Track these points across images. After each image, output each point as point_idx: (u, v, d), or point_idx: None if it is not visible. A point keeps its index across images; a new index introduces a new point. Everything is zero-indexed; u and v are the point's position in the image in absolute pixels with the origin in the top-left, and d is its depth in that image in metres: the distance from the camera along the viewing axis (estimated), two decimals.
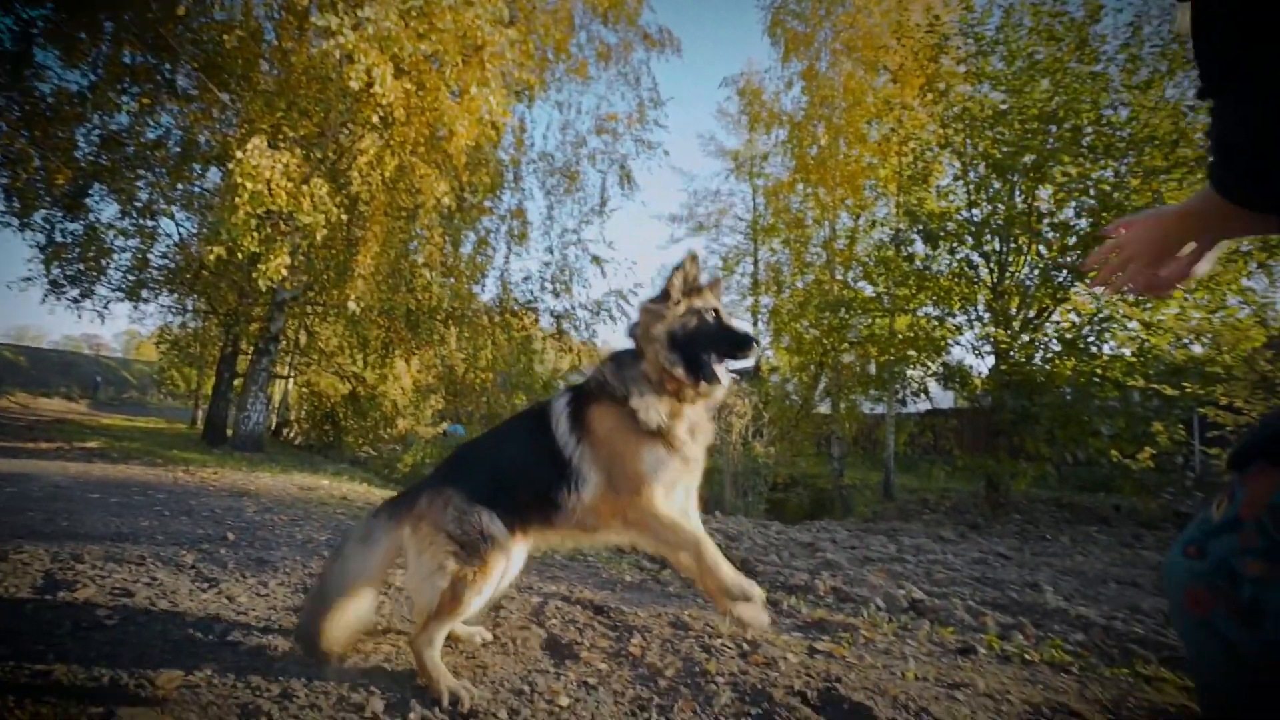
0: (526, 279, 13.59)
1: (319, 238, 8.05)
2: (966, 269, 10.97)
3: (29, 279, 12.47)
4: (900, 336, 11.81)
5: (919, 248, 11.43)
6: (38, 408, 24.16)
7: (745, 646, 2.47)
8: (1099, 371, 9.02)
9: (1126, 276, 1.25)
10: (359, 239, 8.89)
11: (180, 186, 12.10)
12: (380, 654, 2.12)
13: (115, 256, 12.41)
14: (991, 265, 10.78)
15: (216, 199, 11.32)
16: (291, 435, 16.93)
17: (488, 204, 12.68)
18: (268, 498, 5.69)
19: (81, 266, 12.28)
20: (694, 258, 2.19)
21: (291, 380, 17.29)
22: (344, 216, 8.56)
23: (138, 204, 11.99)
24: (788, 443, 12.12)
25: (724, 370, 2.02)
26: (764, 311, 16.53)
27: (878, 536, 6.05)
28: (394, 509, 2.09)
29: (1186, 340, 8.86)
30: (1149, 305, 8.65)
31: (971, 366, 11.76)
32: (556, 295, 13.18)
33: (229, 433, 12.42)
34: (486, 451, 2.20)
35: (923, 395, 12.29)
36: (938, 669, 2.43)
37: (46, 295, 12.50)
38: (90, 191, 11.71)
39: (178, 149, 11.67)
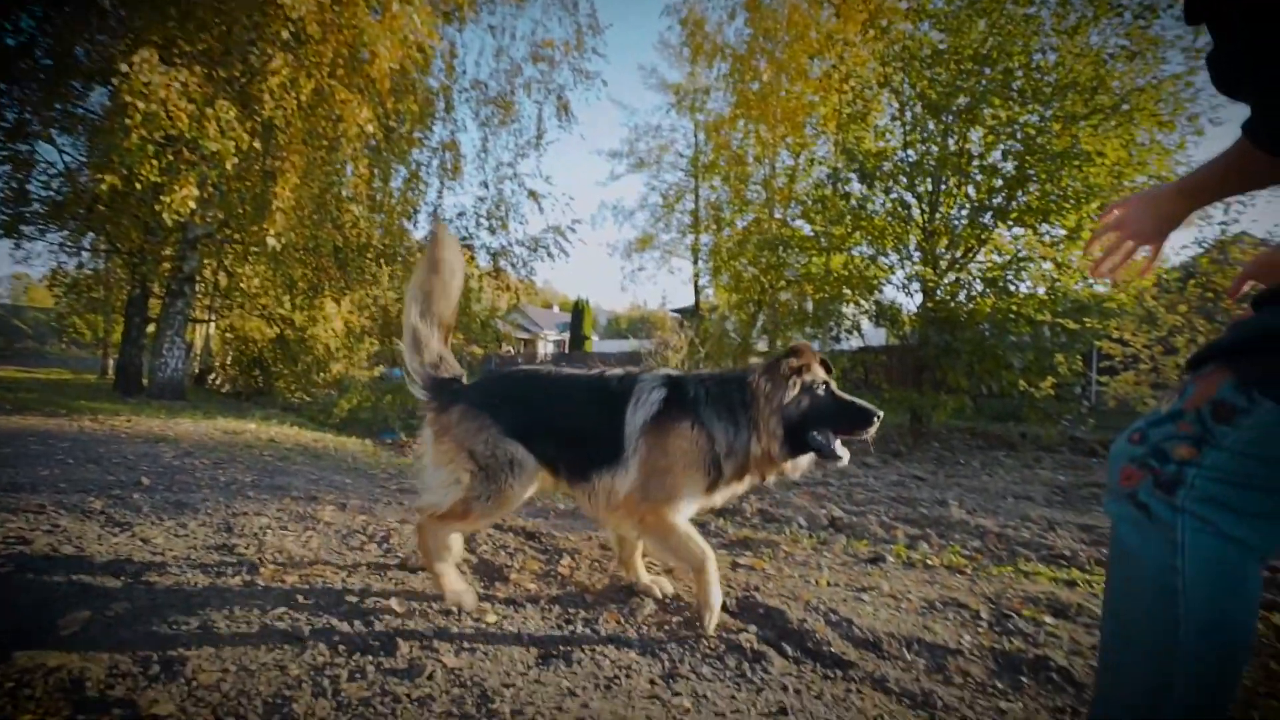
0: (461, 215, 13.08)
1: (229, 167, 7.41)
2: (900, 209, 11.24)
3: None
4: (835, 275, 12.10)
5: (855, 187, 11.59)
6: None
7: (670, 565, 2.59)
8: (1014, 309, 9.57)
9: (1124, 255, 1.32)
10: (276, 170, 8.24)
11: (59, 106, 10.79)
12: (308, 582, 2.11)
13: None
14: (923, 206, 11.08)
15: (105, 121, 10.21)
16: (218, 382, 16.11)
17: (418, 135, 11.93)
18: (188, 443, 5.45)
19: None
20: (805, 343, 2.17)
21: (213, 324, 16.31)
22: (257, 145, 7.89)
23: (5, 124, 10.65)
24: None
25: (842, 448, 2.01)
26: (704, 249, 16.57)
27: None
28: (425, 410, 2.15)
29: (1092, 280, 9.47)
30: (1060, 245, 9.15)
31: (901, 305, 12.26)
32: (493, 232, 12.76)
33: (144, 381, 11.68)
34: (543, 398, 2.14)
35: (856, 333, 12.75)
36: (849, 576, 2.63)
37: None
38: None
39: (48, 61, 10.33)
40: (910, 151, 11.20)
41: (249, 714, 1.37)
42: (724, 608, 2.16)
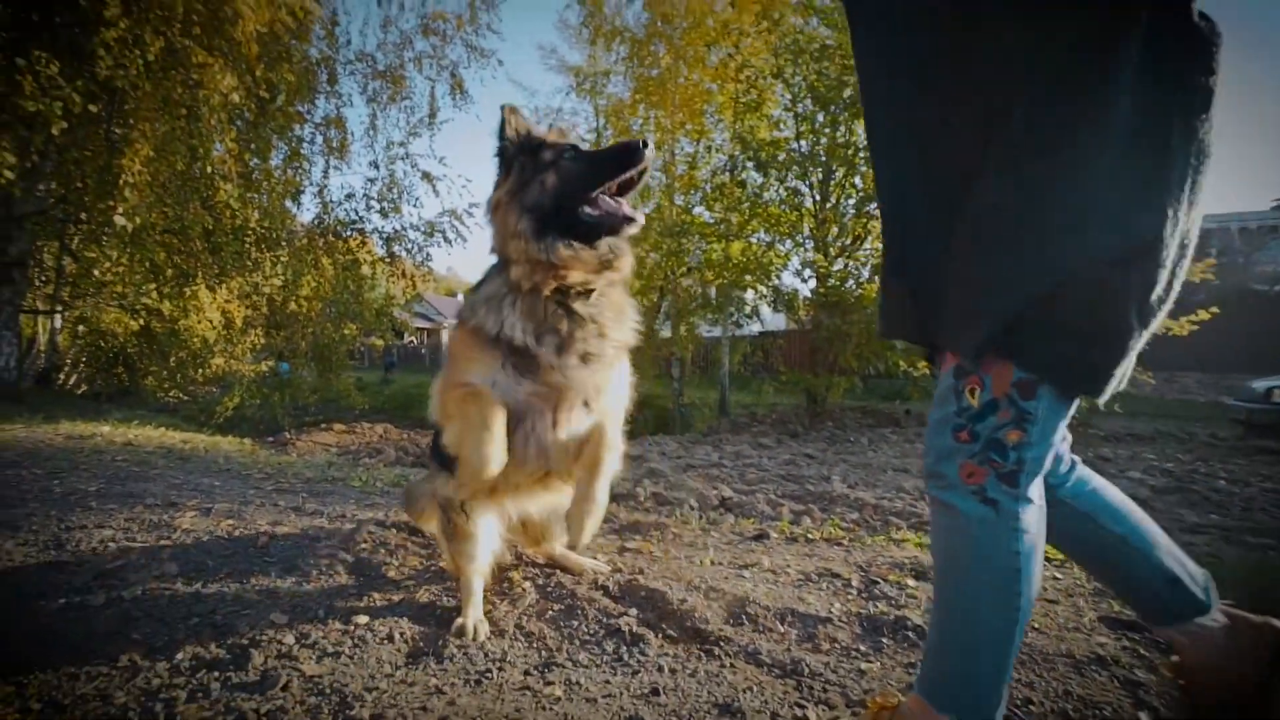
0: (350, 196, 12.21)
1: (56, 132, 6.45)
2: (794, 198, 11.73)
3: None
4: (735, 262, 12.48)
5: (752, 175, 11.96)
6: None
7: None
8: None
9: None
10: (123, 139, 7.32)
11: None
12: (153, 596, 1.91)
13: None
14: (815, 195, 11.62)
15: None
16: (70, 382, 14.26)
17: (297, 109, 11.01)
18: (15, 451, 4.78)
19: None
20: (513, 109, 1.75)
21: (59, 316, 14.41)
22: (93, 109, 6.93)
23: None
24: (631, 366, 12.52)
25: (628, 206, 1.62)
26: None
27: (703, 447, 6.57)
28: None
29: None
30: None
31: (798, 290, 12.84)
32: (385, 215, 12.01)
33: None
34: None
35: (755, 318, 13.24)
36: (733, 554, 2.72)
37: None
38: None
39: None
40: (803, 142, 11.69)
41: None
42: (607, 592, 2.17)
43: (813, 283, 11.98)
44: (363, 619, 1.86)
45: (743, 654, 1.81)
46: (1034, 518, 1.09)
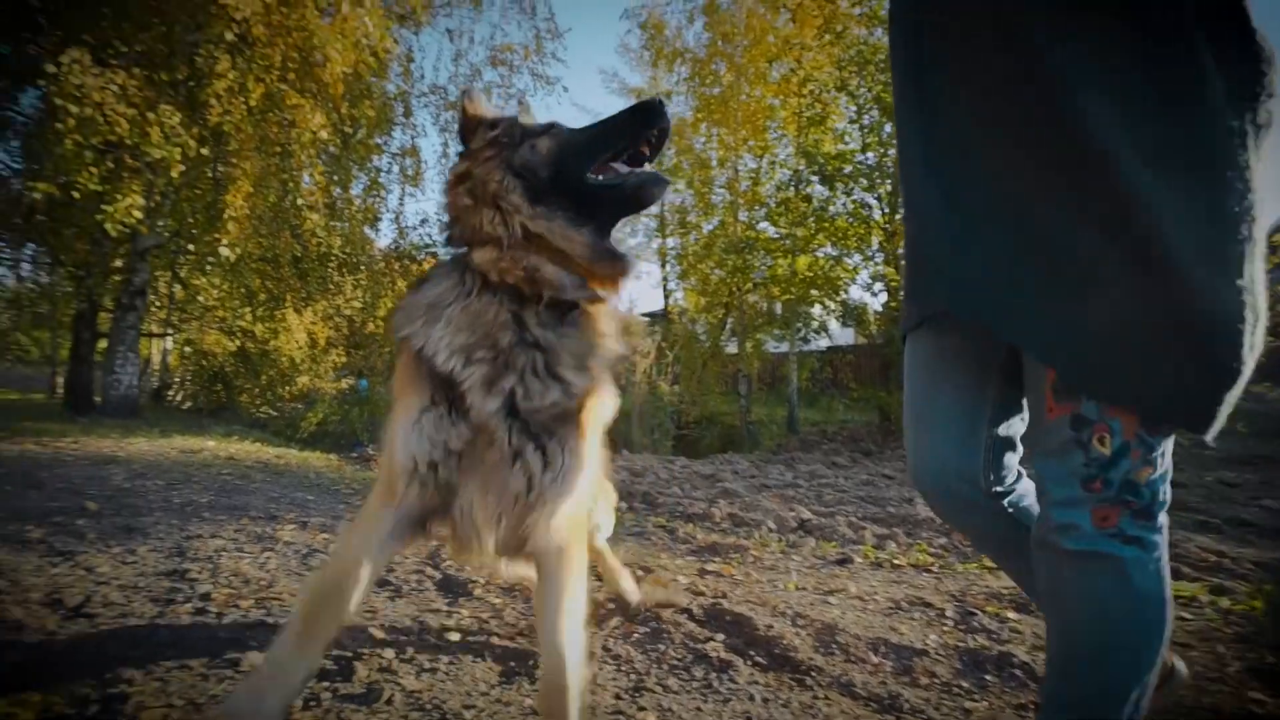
0: (424, 222, 12.83)
1: (176, 175, 7.13)
2: (861, 211, 11.46)
3: None
4: (801, 276, 12.27)
5: (817, 189, 11.77)
6: None
7: (639, 574, 2.57)
8: None
9: None
10: (227, 177, 7.99)
11: None
12: (264, 606, 2.04)
13: None
14: (884, 207, 11.31)
15: (37, 126, 9.74)
16: (178, 398, 15.53)
17: (377, 141, 11.71)
18: (141, 463, 5.22)
19: None
20: (471, 95, 1.34)
21: (170, 339, 15.73)
22: (206, 151, 7.61)
23: None
24: (696, 382, 12.46)
25: (653, 173, 1.20)
26: (671, 253, 16.63)
27: (776, 466, 6.44)
28: None
29: None
30: None
31: (867, 304, 12.49)
32: None
33: (97, 399, 11.18)
34: None
35: (823, 333, 12.95)
36: (817, 579, 2.65)
37: None
38: None
39: None
40: (869, 154, 11.43)
41: None
42: (692, 616, 2.15)
43: (883, 296, 11.64)
44: (455, 636, 1.91)
45: (836, 685, 1.75)
46: (1165, 545, 1.08)
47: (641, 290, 44.32)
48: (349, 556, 1.20)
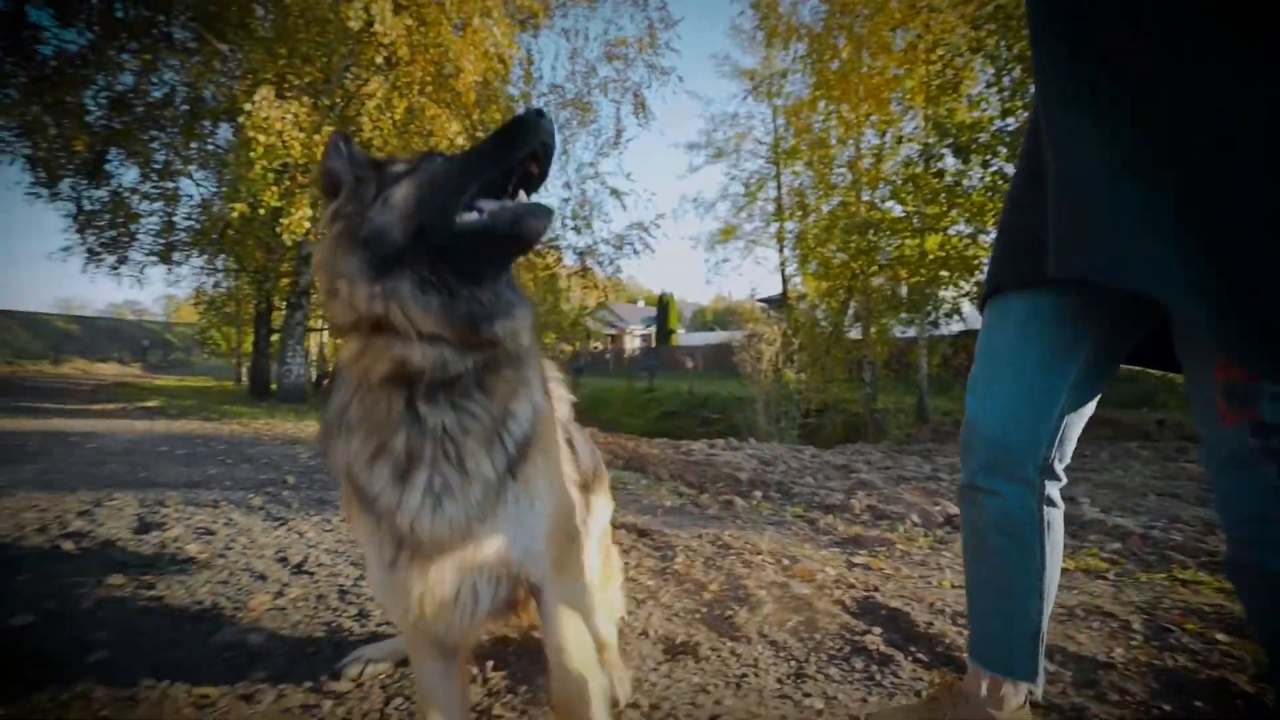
0: None
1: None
2: (999, 182, 10.51)
3: (67, 249, 12.80)
4: (931, 257, 11.50)
5: (949, 162, 10.94)
6: (96, 372, 25.33)
7: (785, 562, 2.58)
8: None
9: None
10: None
11: (194, 145, 12.09)
12: None
13: (142, 220, 12.62)
14: None
15: (231, 155, 11.32)
16: None
17: None
18: (317, 447, 5.96)
19: (113, 233, 12.54)
20: (344, 136, 1.12)
21: (325, 333, 17.69)
22: None
23: (156, 166, 12.08)
24: (819, 369, 12.07)
25: (528, 204, 1.03)
26: (790, 237, 16.17)
27: (912, 457, 6.12)
28: None
29: None
30: None
31: None
32: (578, 231, 13.06)
33: (273, 386, 12.87)
34: None
35: (955, 316, 12.07)
36: None
37: (86, 264, 12.88)
38: (108, 157, 11.77)
39: (185, 106, 11.59)
40: (1010, 119, 10.43)
41: (409, 698, 1.50)
42: (845, 608, 2.13)
43: None
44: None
45: None
46: None
47: (759, 276, 43.48)
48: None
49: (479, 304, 0.96)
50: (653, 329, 44.09)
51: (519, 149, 1.01)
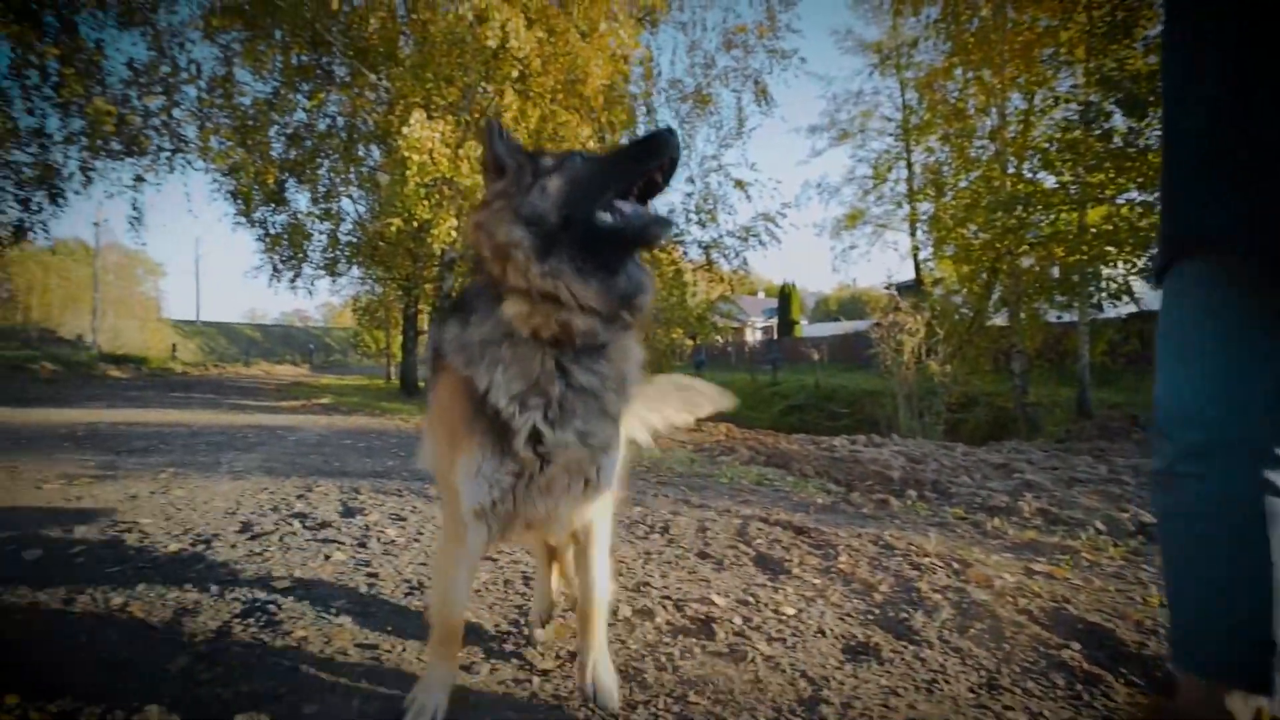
0: (670, 211, 13.56)
1: (480, 197, 8.63)
2: None
3: (259, 267, 14.85)
4: (1094, 231, 10.27)
5: (1118, 121, 9.69)
6: (276, 373, 29.20)
7: (955, 566, 2.46)
8: None
9: None
10: None
11: (352, 169, 13.51)
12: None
13: (313, 239, 14.32)
14: None
15: (380, 174, 12.54)
16: None
17: (623, 140, 12.70)
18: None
19: (291, 251, 14.37)
20: (496, 122, 1.38)
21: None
22: None
23: (322, 190, 13.67)
24: (960, 360, 11.15)
25: (652, 211, 1.25)
26: (923, 219, 15.11)
27: (1081, 457, 5.53)
28: None
29: None
30: None
31: None
32: (702, 225, 13.00)
33: (420, 384, 14.14)
34: None
35: (1125, 297, 10.71)
36: None
37: (270, 279, 14.90)
38: (287, 185, 13.51)
39: (343, 134, 12.98)
40: None
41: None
42: (1032, 617, 2.00)
43: None
44: (789, 610, 2.04)
45: None
46: None
47: (888, 262, 41.21)
48: (453, 596, 1.42)
49: (625, 285, 1.21)
50: (774, 320, 43.13)
51: (651, 162, 1.22)
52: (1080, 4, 10.40)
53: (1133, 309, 11.71)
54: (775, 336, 40.14)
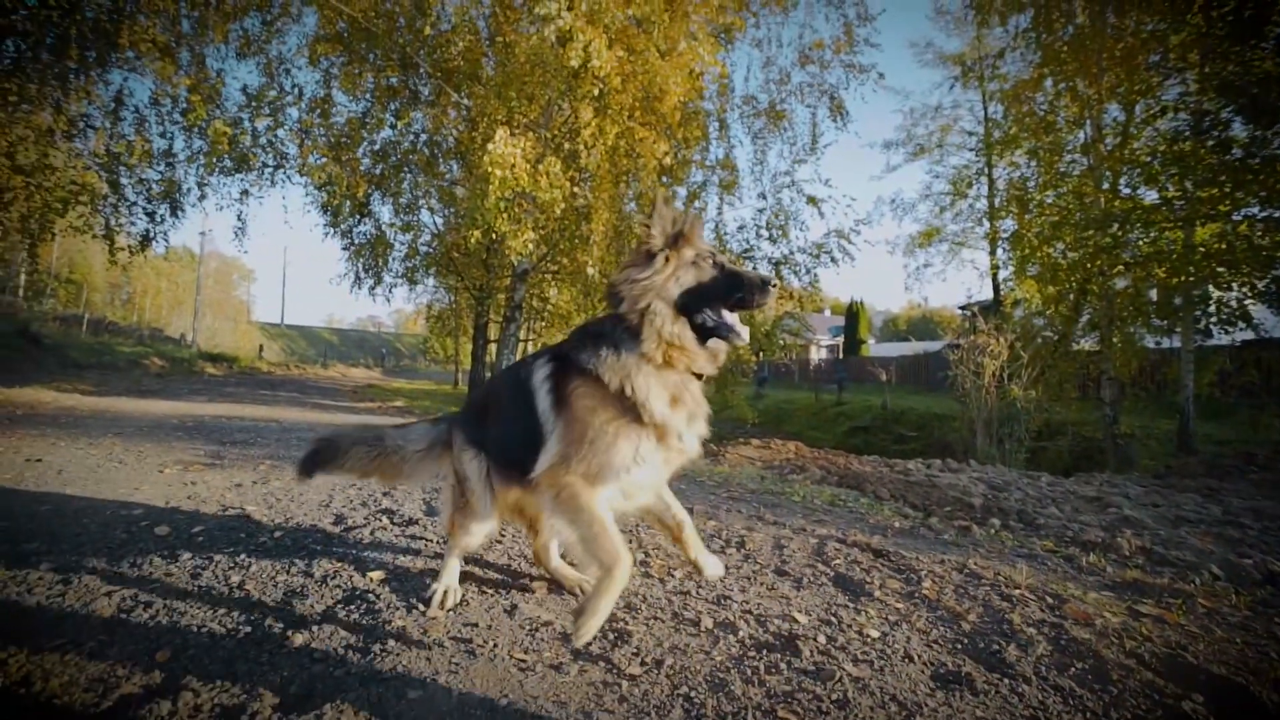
0: (741, 228, 13.46)
1: (558, 211, 8.86)
2: None
3: (344, 275, 15.75)
4: (1203, 250, 9.50)
5: (1237, 130, 8.96)
6: (350, 375, 30.81)
7: (1049, 600, 2.33)
8: None
9: None
10: (590, 208, 9.61)
11: (433, 183, 14.15)
12: (694, 581, 2.41)
13: (394, 249, 15.07)
14: None
15: (458, 189, 13.09)
16: None
17: (695, 156, 12.76)
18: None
19: (374, 260, 15.16)
20: (667, 199, 1.97)
21: (530, 343, 19.62)
22: (576, 189, 9.28)
23: (404, 202, 14.40)
24: (1043, 385, 10.48)
25: (737, 322, 1.83)
26: (1004, 237, 14.40)
27: (1188, 495, 5.09)
28: (444, 429, 2.27)
29: None
30: None
31: None
32: (774, 241, 12.86)
33: None
34: (486, 401, 2.18)
35: (1241, 323, 9.83)
36: None
37: (352, 287, 15.75)
38: (372, 198, 14.29)
39: (426, 150, 13.64)
40: None
41: (695, 688, 1.62)
42: (1142, 661, 1.87)
43: None
44: (874, 633, 1.99)
45: None
46: None
47: (965, 281, 39.38)
48: (595, 513, 1.74)
49: (714, 344, 1.85)
50: (840, 339, 42.04)
51: (749, 297, 1.81)
52: (1196, 4, 9.66)
53: (1249, 336, 10.73)
54: (841, 355, 39.08)
